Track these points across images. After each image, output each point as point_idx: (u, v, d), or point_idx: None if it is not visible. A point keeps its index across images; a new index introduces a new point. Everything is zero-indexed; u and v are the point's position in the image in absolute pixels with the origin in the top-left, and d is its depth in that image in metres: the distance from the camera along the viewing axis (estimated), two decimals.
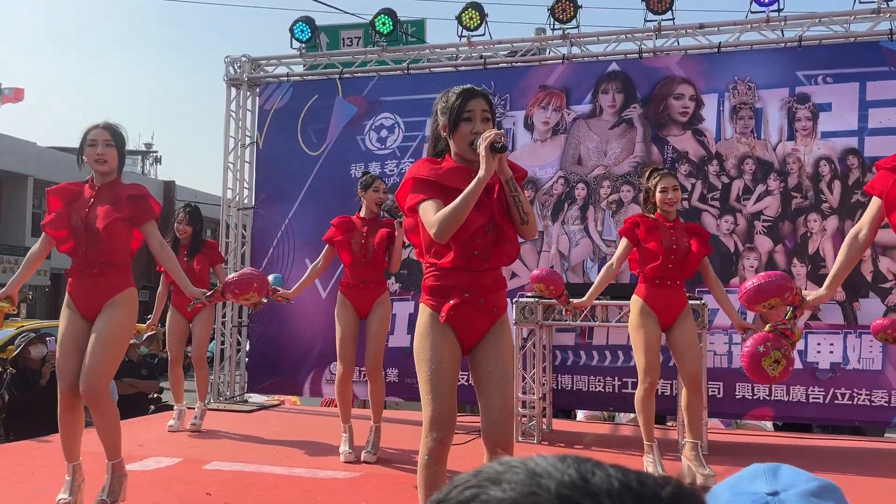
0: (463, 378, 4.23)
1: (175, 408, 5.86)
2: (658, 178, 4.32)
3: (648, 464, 4.39)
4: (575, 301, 4.51)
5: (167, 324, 5.80)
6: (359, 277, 4.74)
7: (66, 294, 3.59)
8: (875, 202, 2.85)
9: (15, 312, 4.57)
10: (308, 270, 5.05)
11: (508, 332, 2.74)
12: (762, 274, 2.93)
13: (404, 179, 2.69)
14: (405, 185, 2.68)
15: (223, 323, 7.08)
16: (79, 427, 3.55)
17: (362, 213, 4.85)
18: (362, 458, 4.71)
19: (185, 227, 5.72)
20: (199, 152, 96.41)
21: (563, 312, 5.24)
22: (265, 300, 4.21)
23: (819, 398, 5.64)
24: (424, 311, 2.68)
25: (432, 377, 2.59)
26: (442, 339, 2.62)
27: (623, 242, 4.37)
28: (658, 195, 4.28)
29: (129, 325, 3.58)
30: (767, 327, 2.90)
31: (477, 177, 2.49)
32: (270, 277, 5.22)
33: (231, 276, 3.98)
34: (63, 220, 3.55)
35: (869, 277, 5.61)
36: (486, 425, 2.61)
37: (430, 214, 2.53)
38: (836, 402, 5.61)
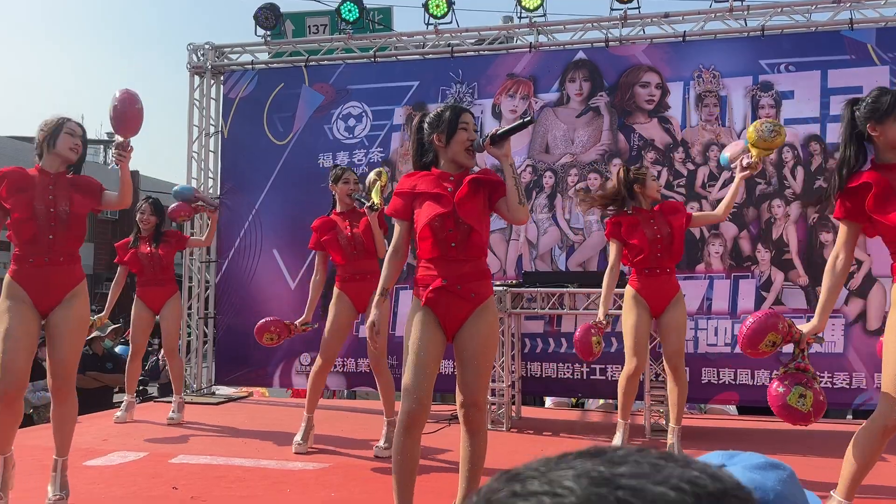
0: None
1: (125, 398, 5.79)
2: (642, 175, 4.49)
3: (616, 439, 4.58)
4: None
5: (132, 315, 5.70)
6: (355, 270, 4.67)
7: (12, 284, 3.42)
8: (843, 227, 2.92)
9: None
10: (311, 288, 4.83)
11: (490, 316, 3.01)
12: (747, 320, 2.93)
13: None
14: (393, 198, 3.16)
15: (189, 314, 6.99)
16: (14, 421, 3.41)
17: (338, 209, 4.80)
18: (375, 454, 4.52)
19: (150, 218, 5.67)
20: (162, 142, 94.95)
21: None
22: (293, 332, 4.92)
23: None
24: (413, 301, 3.06)
25: (412, 354, 2.93)
26: (422, 323, 2.96)
27: (613, 245, 4.50)
28: (649, 183, 4.47)
29: (87, 317, 3.70)
30: (781, 370, 2.92)
31: (508, 162, 2.95)
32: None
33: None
34: (25, 205, 3.42)
35: None
36: (461, 391, 2.97)
37: (394, 238, 3.13)
38: None
